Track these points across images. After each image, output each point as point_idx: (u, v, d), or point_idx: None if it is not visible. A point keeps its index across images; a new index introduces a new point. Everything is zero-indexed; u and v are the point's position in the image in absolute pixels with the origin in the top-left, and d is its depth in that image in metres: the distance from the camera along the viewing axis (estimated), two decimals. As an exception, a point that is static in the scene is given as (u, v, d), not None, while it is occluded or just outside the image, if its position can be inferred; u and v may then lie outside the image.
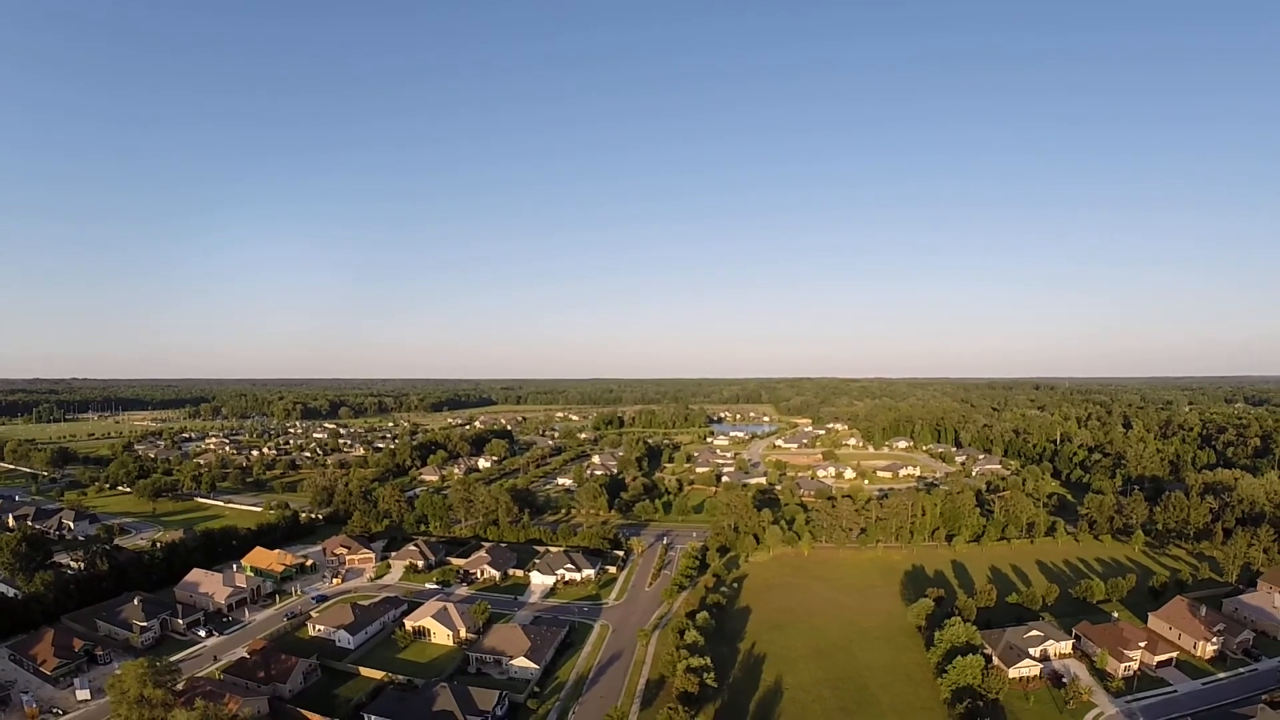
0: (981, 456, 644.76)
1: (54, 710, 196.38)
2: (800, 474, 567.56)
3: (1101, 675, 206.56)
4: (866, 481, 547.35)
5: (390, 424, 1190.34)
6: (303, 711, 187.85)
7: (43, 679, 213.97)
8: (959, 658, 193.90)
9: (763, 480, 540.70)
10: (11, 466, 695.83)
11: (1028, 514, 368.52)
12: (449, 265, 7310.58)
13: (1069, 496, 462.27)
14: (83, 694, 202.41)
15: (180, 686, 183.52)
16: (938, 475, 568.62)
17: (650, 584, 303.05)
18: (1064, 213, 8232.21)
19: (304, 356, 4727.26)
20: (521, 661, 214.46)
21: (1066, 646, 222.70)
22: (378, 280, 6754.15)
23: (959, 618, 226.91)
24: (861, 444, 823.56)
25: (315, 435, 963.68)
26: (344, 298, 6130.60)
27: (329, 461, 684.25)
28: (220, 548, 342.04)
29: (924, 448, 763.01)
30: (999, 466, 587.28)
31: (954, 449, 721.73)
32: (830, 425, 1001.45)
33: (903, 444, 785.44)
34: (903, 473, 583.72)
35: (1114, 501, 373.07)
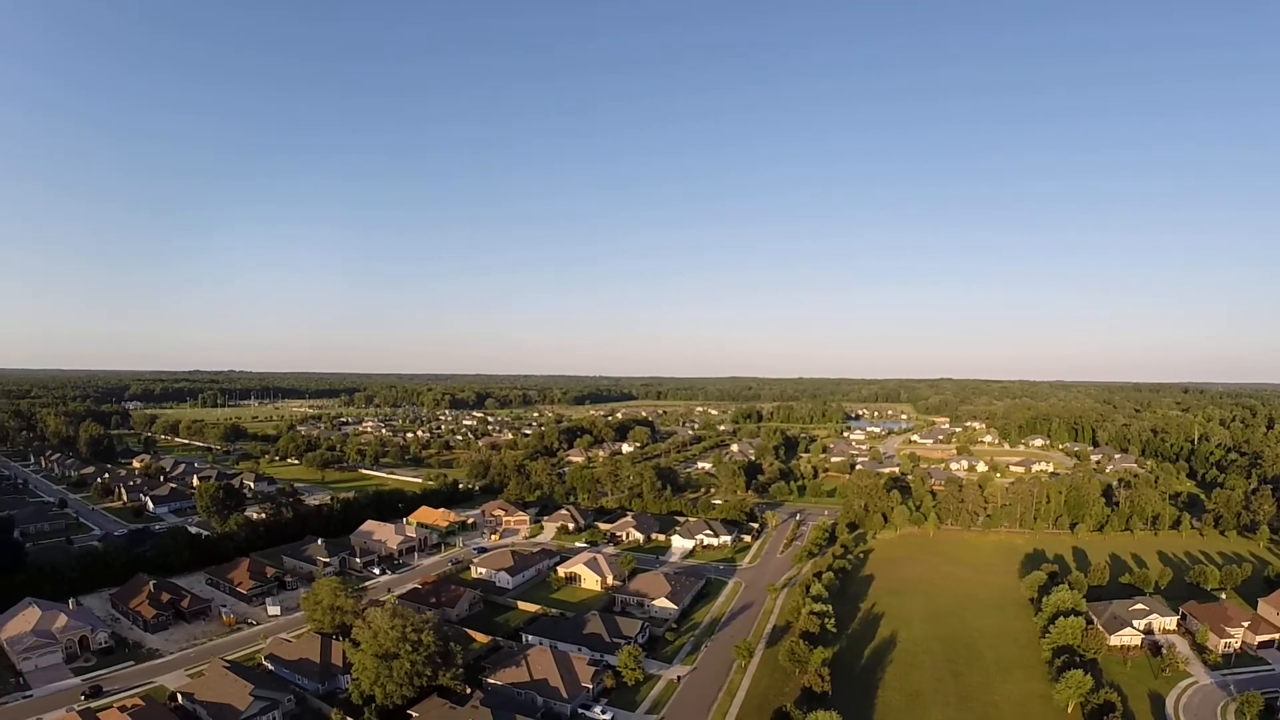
0: (1118, 455, 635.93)
1: (249, 621, 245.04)
2: (933, 466, 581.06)
3: (1201, 650, 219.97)
4: (998, 474, 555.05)
5: (535, 414, 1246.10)
6: (468, 631, 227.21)
7: (238, 598, 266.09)
8: (1061, 619, 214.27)
9: (895, 470, 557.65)
10: (186, 441, 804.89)
11: (1153, 506, 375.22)
12: (587, 260, 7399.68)
13: (1202, 496, 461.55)
14: (273, 610, 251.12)
15: (362, 606, 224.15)
16: (1070, 471, 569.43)
17: (782, 551, 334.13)
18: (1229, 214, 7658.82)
19: (449, 352, 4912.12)
20: (662, 602, 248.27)
21: (1171, 623, 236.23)
22: (521, 277, 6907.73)
23: (1067, 586, 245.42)
24: (997, 441, 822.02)
25: (465, 422, 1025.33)
26: (487, 295, 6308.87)
27: (480, 444, 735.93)
28: (389, 506, 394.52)
29: (1060, 446, 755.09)
30: (1134, 465, 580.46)
31: (1090, 447, 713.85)
32: (967, 423, 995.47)
33: (1039, 442, 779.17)
34: (1035, 468, 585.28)
35: (1241, 498, 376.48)
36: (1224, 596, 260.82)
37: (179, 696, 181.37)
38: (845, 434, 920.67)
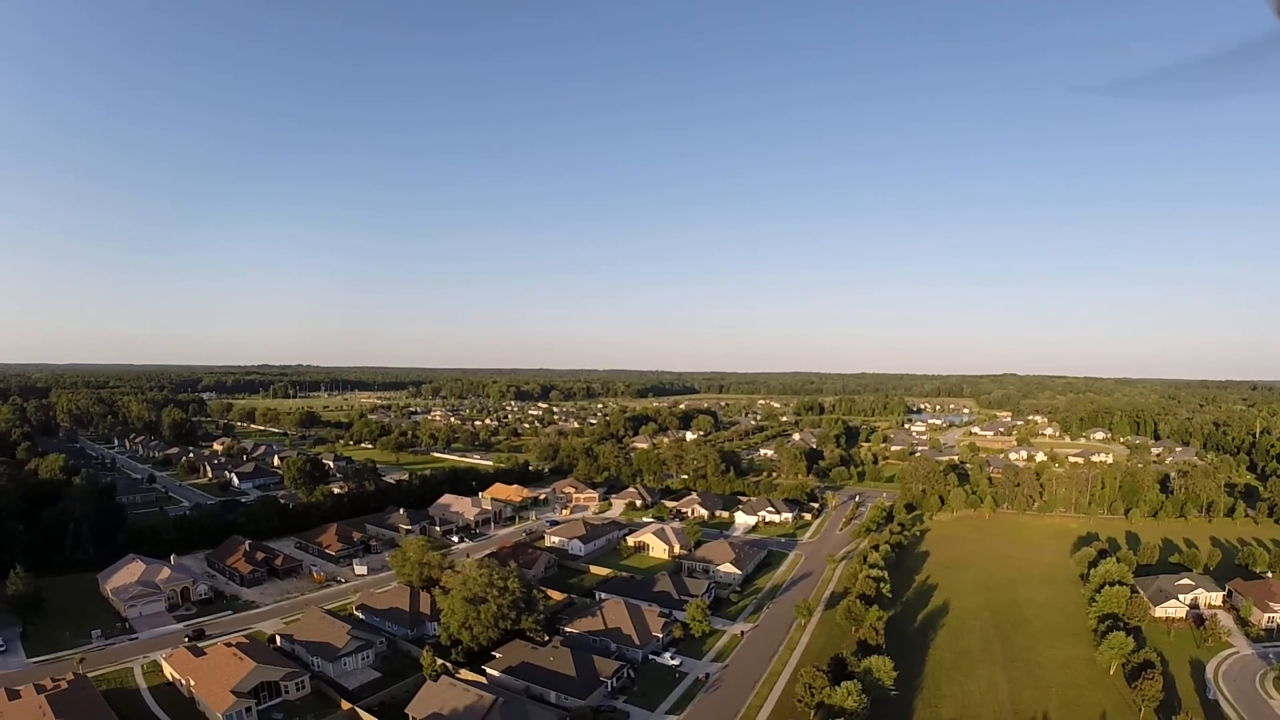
0: (1179, 449, 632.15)
1: (338, 579, 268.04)
2: (992, 455, 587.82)
3: (1244, 623, 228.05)
4: (1056, 464, 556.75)
5: (599, 406, 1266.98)
6: (545, 589, 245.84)
7: (326, 559, 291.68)
8: (1106, 588, 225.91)
9: (954, 458, 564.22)
10: (262, 427, 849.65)
11: (1208, 494, 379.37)
12: (648, 257, 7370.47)
13: (1260, 487, 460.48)
14: (360, 569, 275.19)
15: (448, 561, 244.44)
16: (1127, 461, 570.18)
17: (841, 529, 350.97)
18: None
19: (512, 346, 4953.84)
20: (727, 568, 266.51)
21: (1217, 598, 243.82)
22: (579, 275, 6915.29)
23: (1114, 560, 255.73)
24: (1058, 434, 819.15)
25: (531, 412, 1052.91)
26: (552, 293, 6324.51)
27: (547, 431, 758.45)
28: (464, 483, 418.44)
29: (1120, 439, 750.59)
30: (1194, 458, 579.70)
31: (1151, 440, 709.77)
32: (1029, 417, 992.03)
33: (1100, 435, 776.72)
34: (1094, 459, 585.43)
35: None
36: (1270, 575, 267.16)
37: (278, 639, 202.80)
38: (906, 425, 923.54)
